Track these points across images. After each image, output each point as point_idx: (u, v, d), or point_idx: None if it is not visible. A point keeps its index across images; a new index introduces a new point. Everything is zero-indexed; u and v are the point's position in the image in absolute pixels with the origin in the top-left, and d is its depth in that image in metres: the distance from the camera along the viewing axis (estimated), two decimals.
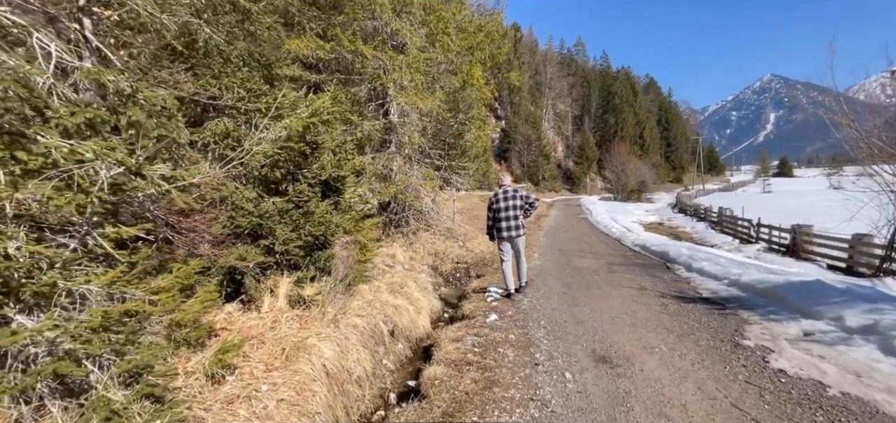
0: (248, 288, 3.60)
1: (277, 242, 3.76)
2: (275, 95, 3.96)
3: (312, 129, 4.21)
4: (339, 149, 4.83)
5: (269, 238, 3.75)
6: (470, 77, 9.01)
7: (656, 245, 9.04)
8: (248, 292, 3.62)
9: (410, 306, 5.24)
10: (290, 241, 3.86)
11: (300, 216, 4.02)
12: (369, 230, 6.24)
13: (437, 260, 9.91)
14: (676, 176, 69.27)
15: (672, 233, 17.72)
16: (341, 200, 5.45)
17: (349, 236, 5.80)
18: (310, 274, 4.48)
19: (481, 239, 11.90)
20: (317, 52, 8.67)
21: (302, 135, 4.19)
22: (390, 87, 8.39)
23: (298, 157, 4.55)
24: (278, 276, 3.96)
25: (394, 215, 10.91)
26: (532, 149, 45.54)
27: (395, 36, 9.38)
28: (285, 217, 3.92)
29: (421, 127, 10.40)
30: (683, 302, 4.96)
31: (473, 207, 18.27)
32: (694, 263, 6.85)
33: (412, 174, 9.86)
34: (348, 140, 5.04)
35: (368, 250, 5.85)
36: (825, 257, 10.03)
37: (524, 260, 5.66)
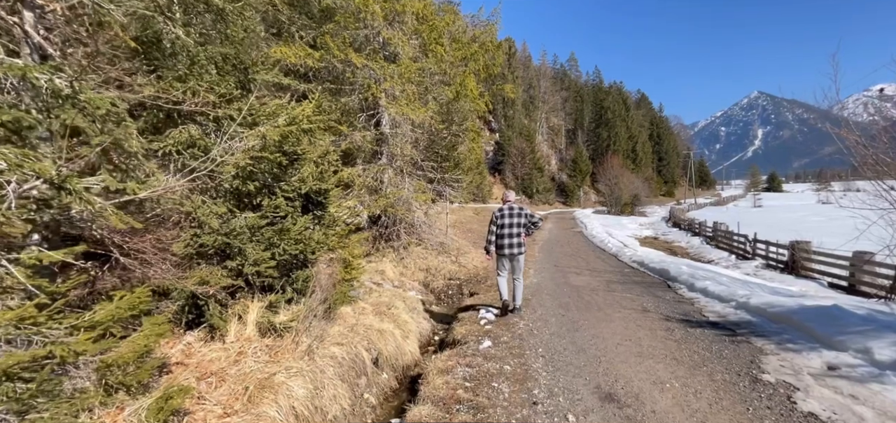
0: (211, 315, 3.19)
1: (247, 262, 3.37)
2: (249, 100, 3.61)
3: (291, 138, 3.86)
4: (321, 160, 4.48)
5: (238, 258, 3.36)
6: (463, 88, 8.77)
7: (655, 262, 8.76)
8: (210, 319, 3.21)
9: (397, 329, 4.85)
10: (263, 261, 3.47)
11: (275, 234, 3.64)
12: (355, 246, 5.86)
13: (429, 276, 9.53)
14: (668, 190, 69.84)
15: (668, 248, 17.54)
16: (325, 214, 5.08)
17: (333, 252, 5.42)
18: (286, 297, 4.09)
19: (475, 254, 11.56)
20: (305, 61, 8.38)
21: (279, 145, 3.84)
22: (381, 97, 8.10)
23: (276, 168, 4.19)
24: (249, 300, 3.57)
25: (384, 229, 10.54)
26: (526, 162, 45.56)
27: (387, 46, 9.14)
28: (258, 235, 3.54)
29: (413, 138, 10.12)
30: (690, 326, 4.64)
31: (467, 220, 17.96)
32: (696, 282, 6.56)
33: (404, 187, 9.52)
34: (332, 150, 4.70)
35: (354, 268, 5.47)
36: (825, 275, 9.82)
37: (521, 280, 5.46)
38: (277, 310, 3.71)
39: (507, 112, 49.90)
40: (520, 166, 45.51)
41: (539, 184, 46.82)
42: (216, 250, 3.34)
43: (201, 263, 3.33)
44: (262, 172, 3.97)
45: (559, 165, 58.01)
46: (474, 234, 15.82)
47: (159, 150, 3.08)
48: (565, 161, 58.00)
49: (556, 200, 50.23)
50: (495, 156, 47.37)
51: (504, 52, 53.79)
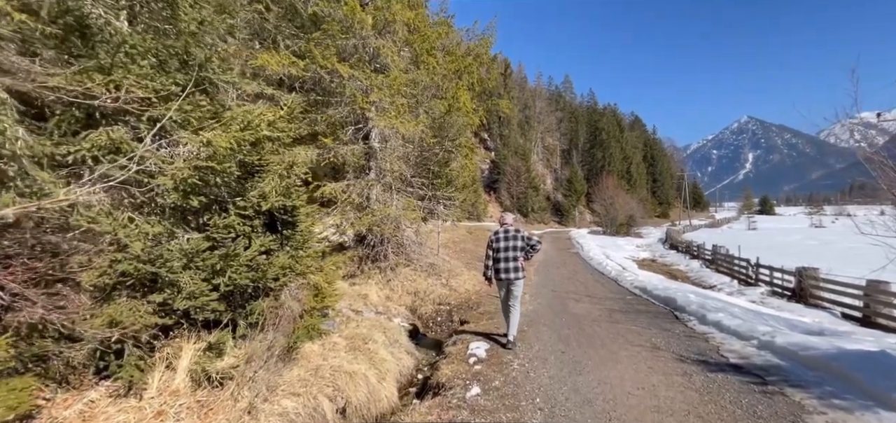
0: (124, 363, 2.54)
1: (180, 295, 2.74)
2: (198, 102, 3.05)
3: (246, 147, 3.28)
4: (288, 172, 3.90)
5: (168, 290, 2.73)
6: (456, 101, 8.31)
7: (659, 289, 8.19)
8: (121, 369, 2.56)
9: (372, 369, 4.18)
10: (201, 294, 2.84)
11: (219, 260, 3.01)
12: (331, 270, 5.24)
13: (417, 300, 8.87)
14: (663, 211, 69.88)
15: (667, 271, 17.01)
16: (295, 234, 4.47)
17: (305, 278, 4.78)
18: (239, 333, 3.44)
19: (467, 276, 10.91)
20: (289, 69, 7.89)
21: (233, 154, 3.26)
22: (369, 109, 7.60)
23: (234, 182, 3.60)
24: (185, 340, 2.92)
25: (371, 249, 9.90)
26: (521, 181, 45.31)
27: (377, 57, 8.70)
28: (197, 260, 2.92)
29: (403, 153, 9.59)
30: (710, 370, 4.04)
31: (461, 239, 17.35)
32: (708, 313, 5.98)
33: (392, 204, 8.94)
34: (300, 163, 4.12)
35: (326, 296, 4.83)
36: (837, 305, 9.30)
37: (518, 309, 5.04)
38: (222, 351, 3.07)
39: (502, 131, 49.94)
40: (515, 185, 45.21)
41: (534, 203, 46.50)
42: (140, 281, 2.71)
43: (124, 295, 2.70)
44: (215, 185, 3.38)
45: (554, 185, 57.90)
46: (468, 254, 15.20)
47: (69, 155, 2.48)
48: (560, 181, 57.93)
49: (551, 219, 49.86)
50: (491, 174, 47.11)
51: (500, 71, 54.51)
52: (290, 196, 4.11)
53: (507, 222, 5.09)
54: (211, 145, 2.90)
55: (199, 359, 2.80)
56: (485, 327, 6.18)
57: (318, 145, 8.57)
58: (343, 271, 9.55)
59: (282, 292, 4.51)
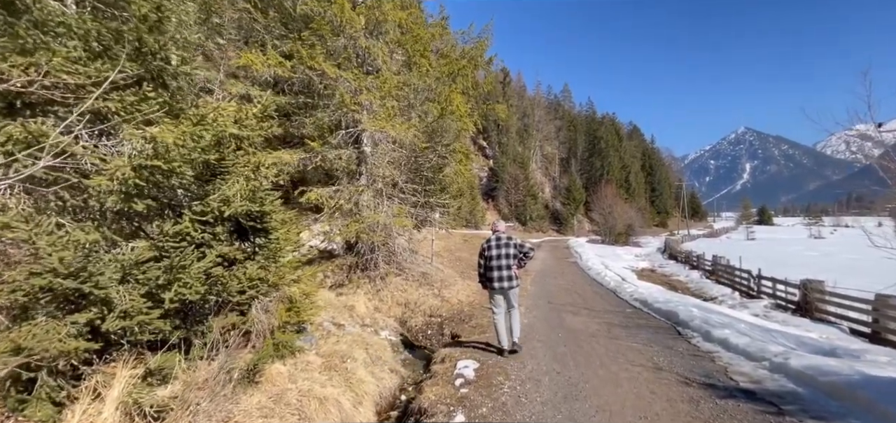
0: (33, 397, 2.15)
1: (112, 313, 2.37)
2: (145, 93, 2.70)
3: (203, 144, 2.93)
4: (254, 174, 3.54)
5: (97, 308, 2.36)
6: (449, 104, 7.99)
7: (660, 302, 7.82)
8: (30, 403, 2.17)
9: (348, 393, 3.80)
10: (139, 312, 2.47)
11: (164, 272, 2.64)
12: (309, 282, 4.86)
13: (407, 312, 8.48)
14: (661, 220, 69.63)
15: (667, 282, 16.64)
16: (269, 243, 4.11)
17: (278, 290, 4.41)
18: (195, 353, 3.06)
19: (461, 285, 10.53)
20: (276, 70, 7.59)
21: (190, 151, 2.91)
22: (358, 111, 7.27)
23: (194, 184, 3.24)
24: (122, 364, 2.54)
25: (361, 257, 9.52)
26: (520, 188, 45.08)
27: (367, 58, 8.40)
28: (136, 273, 2.55)
29: (395, 158, 9.26)
30: (719, 397, 3.66)
31: (456, 247, 16.97)
32: (712, 330, 5.61)
33: (382, 210, 8.58)
34: (268, 164, 3.77)
35: (301, 310, 4.44)
36: (844, 320, 8.94)
37: (518, 315, 5.01)
38: (167, 377, 2.68)
39: (501, 139, 49.81)
40: (513, 193, 44.97)
41: (533, 211, 46.22)
42: (66, 298, 2.34)
43: (43, 315, 2.32)
44: (169, 187, 3.02)
45: (553, 193, 57.69)
46: (463, 263, 14.81)
47: None
48: (559, 189, 57.74)
49: (549, 227, 49.55)
50: (489, 182, 46.88)
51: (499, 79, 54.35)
52: (260, 201, 3.75)
53: (499, 229, 4.96)
54: (156, 142, 2.54)
55: (135, 388, 2.42)
56: (476, 342, 5.79)
57: (306, 149, 8.24)
58: (331, 281, 9.17)
59: (252, 306, 4.14)
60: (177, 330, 2.89)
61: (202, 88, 9.02)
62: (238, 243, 4.00)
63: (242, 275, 3.68)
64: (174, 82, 3.34)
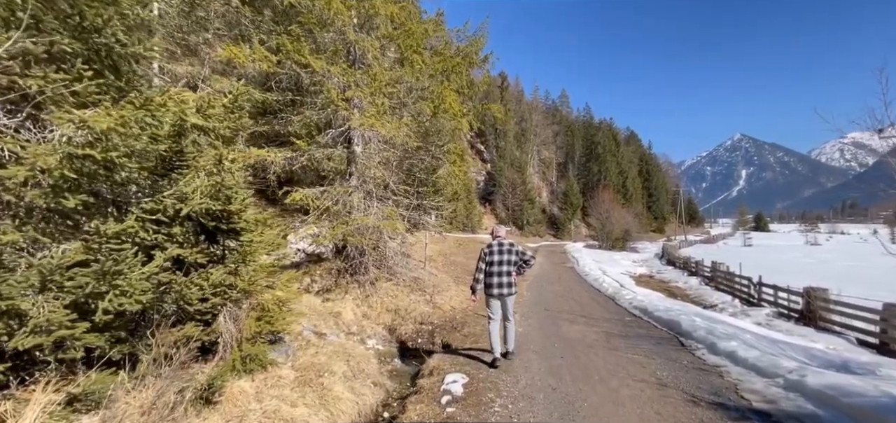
0: None
1: (22, 329, 2.00)
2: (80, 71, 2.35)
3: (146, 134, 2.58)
4: (217, 169, 3.19)
5: (5, 322, 1.99)
6: (442, 102, 7.67)
7: (661, 310, 7.49)
8: None
9: (322, 411, 3.43)
10: (61, 326, 2.10)
11: (94, 278, 2.28)
12: (286, 288, 4.50)
13: (397, 319, 8.10)
14: (658, 226, 69.53)
15: (665, 288, 16.34)
16: (241, 246, 3.75)
17: (250, 298, 4.05)
18: (141, 371, 2.69)
19: (454, 291, 10.17)
20: (261, 65, 7.24)
21: (135, 141, 2.56)
22: (345, 108, 6.93)
23: (146, 179, 2.89)
24: (42, 388, 2.16)
25: (350, 261, 9.15)
26: (517, 193, 44.83)
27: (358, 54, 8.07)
28: (58, 279, 2.18)
29: (386, 158, 8.92)
30: (732, 419, 3.33)
31: (450, 251, 16.61)
32: (718, 341, 5.28)
33: (372, 212, 8.23)
34: (236, 157, 3.42)
35: (276, 319, 4.08)
36: (850, 330, 8.64)
37: (513, 322, 4.98)
38: (99, 401, 2.31)
39: (499, 143, 49.62)
40: (511, 197, 44.71)
41: (530, 215, 45.96)
42: None
43: None
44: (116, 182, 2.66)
45: (550, 198, 57.51)
46: (458, 267, 14.45)
47: None
48: (556, 194, 57.58)
49: (546, 232, 49.30)
50: (487, 186, 46.63)
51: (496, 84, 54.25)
52: (226, 199, 3.39)
53: (500, 235, 4.91)
54: (90, 129, 2.19)
55: (52, 417, 2.05)
56: (467, 352, 5.44)
57: (293, 148, 7.89)
58: (318, 285, 8.79)
59: (219, 315, 3.77)
60: (119, 345, 2.53)
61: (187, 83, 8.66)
62: (205, 246, 3.65)
63: (205, 281, 3.32)
64: (128, 66, 2.99)
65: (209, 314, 3.44)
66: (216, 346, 3.76)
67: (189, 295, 3.11)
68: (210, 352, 3.82)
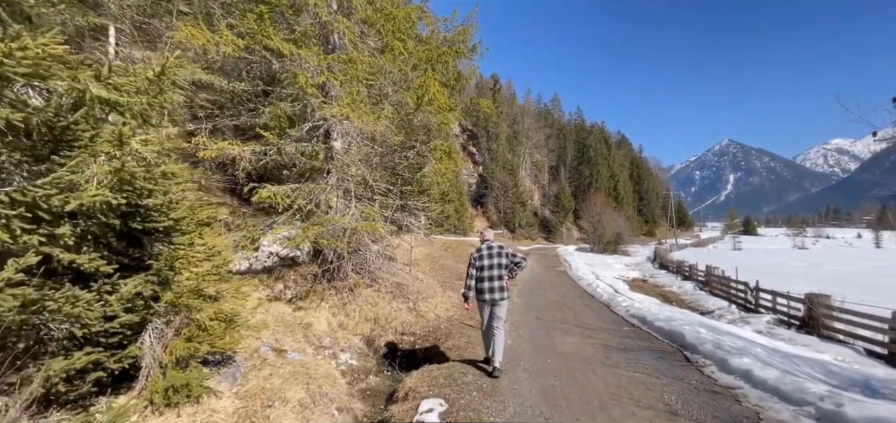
0: None
1: None
2: None
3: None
4: (117, 151, 2.51)
5: None
6: (425, 91, 7.06)
7: (661, 320, 6.94)
8: None
9: None
10: None
11: None
12: (236, 298, 3.83)
13: (376, 329, 7.44)
14: (649, 229, 69.76)
15: (659, 293, 15.91)
16: (175, 252, 3.09)
17: (181, 312, 3.37)
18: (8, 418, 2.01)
19: (440, 298, 9.53)
20: (225, 49, 6.54)
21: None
22: (316, 95, 6.27)
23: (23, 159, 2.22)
24: None
25: (328, 266, 8.46)
26: (509, 196, 44.39)
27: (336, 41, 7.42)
28: None
29: (366, 155, 8.27)
30: None
31: (438, 254, 15.96)
32: (729, 357, 4.73)
33: (349, 213, 7.56)
34: (148, 140, 2.75)
35: (216, 337, 3.40)
36: (857, 339, 8.20)
37: (502, 332, 4.66)
38: None
39: (491, 145, 49.19)
40: (503, 200, 44.26)
41: (522, 218, 45.56)
42: None
43: None
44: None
45: (542, 201, 57.25)
46: (446, 271, 13.80)
47: None
48: (548, 197, 57.33)
49: (538, 235, 48.94)
50: (478, 188, 46.12)
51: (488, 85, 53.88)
52: (140, 192, 2.72)
53: (489, 237, 4.76)
54: None
55: None
56: (449, 370, 4.81)
57: (262, 142, 7.20)
58: (291, 292, 8.07)
59: (144, 333, 3.10)
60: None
61: None
62: (127, 251, 2.97)
63: (112, 295, 2.64)
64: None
65: (120, 335, 2.75)
66: (137, 375, 3.07)
67: (88, 315, 2.43)
68: (134, 379, 3.14)
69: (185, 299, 3.07)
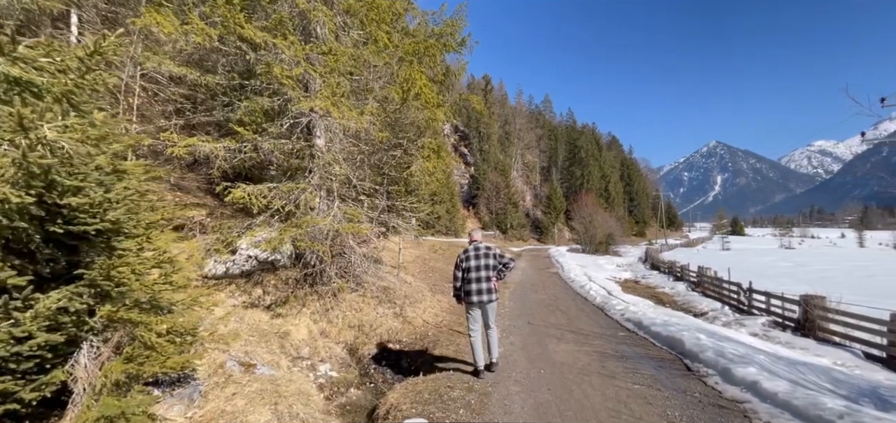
0: None
1: None
2: None
3: None
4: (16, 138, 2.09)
5: None
6: (411, 84, 6.68)
7: (657, 325, 6.66)
8: None
9: None
10: None
11: None
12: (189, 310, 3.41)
13: (360, 337, 7.04)
14: (640, 230, 70.25)
15: (652, 295, 15.73)
16: (99, 260, 2.67)
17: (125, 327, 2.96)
18: None
19: (429, 302, 9.15)
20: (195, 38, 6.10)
21: None
22: (291, 85, 5.86)
23: None
24: None
25: (310, 270, 8.03)
26: (501, 196, 44.19)
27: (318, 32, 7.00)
28: None
29: (351, 153, 7.87)
30: None
31: (429, 256, 15.58)
32: (733, 367, 4.44)
33: (330, 213, 7.15)
34: (73, 127, 2.34)
35: (165, 356, 2.99)
36: (854, 341, 8.03)
37: (495, 330, 4.67)
38: None
39: (482, 146, 48.99)
40: (494, 201, 44.04)
41: (513, 219, 45.38)
42: None
43: None
44: None
45: (534, 202, 57.21)
46: (436, 274, 13.44)
47: None
48: (540, 197, 57.33)
49: (530, 236, 48.83)
50: (470, 189, 45.85)
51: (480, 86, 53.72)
52: (63, 190, 2.30)
53: (477, 238, 4.66)
54: None
55: None
56: (435, 383, 4.44)
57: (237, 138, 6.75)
58: (270, 298, 7.62)
59: (78, 353, 2.68)
60: None
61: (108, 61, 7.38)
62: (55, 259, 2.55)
63: (26, 313, 2.22)
64: None
65: (38, 359, 2.33)
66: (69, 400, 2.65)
67: None
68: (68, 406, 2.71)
69: (123, 313, 2.65)
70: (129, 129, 7.15)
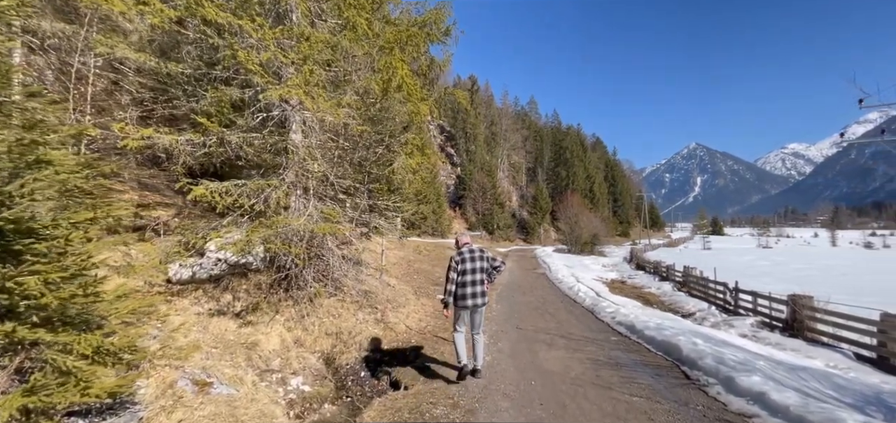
0: None
1: None
2: None
3: None
4: None
5: None
6: (392, 74, 6.25)
7: (651, 329, 6.38)
8: None
9: None
10: None
11: None
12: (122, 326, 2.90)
13: (338, 344, 6.55)
14: (624, 230, 71.15)
15: (639, 295, 15.65)
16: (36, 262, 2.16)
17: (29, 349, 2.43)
18: None
19: (413, 307, 8.71)
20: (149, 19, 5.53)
21: None
22: (259, 72, 5.35)
23: None
24: None
25: (286, 273, 7.49)
26: (487, 197, 44.00)
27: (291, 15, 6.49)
28: None
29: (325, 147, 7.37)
30: None
31: (414, 258, 15.10)
32: (735, 375, 4.16)
33: (305, 213, 6.64)
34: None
35: (87, 382, 2.48)
36: (843, 341, 7.96)
37: (482, 335, 4.63)
38: None
39: (469, 146, 48.73)
40: (481, 201, 43.81)
41: (500, 220, 45.25)
42: None
43: None
44: None
45: (520, 202, 57.27)
46: (421, 276, 12.98)
47: None
48: (526, 198, 57.43)
49: (516, 236, 48.81)
50: (456, 190, 45.52)
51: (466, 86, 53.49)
52: None
53: (467, 241, 4.60)
54: None
55: None
56: (415, 399, 4.02)
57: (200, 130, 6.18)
58: (240, 304, 7.05)
59: None
60: None
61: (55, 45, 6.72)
62: None
63: None
64: None
65: None
66: None
67: None
68: None
69: (25, 333, 2.15)
70: (82, 120, 6.50)
